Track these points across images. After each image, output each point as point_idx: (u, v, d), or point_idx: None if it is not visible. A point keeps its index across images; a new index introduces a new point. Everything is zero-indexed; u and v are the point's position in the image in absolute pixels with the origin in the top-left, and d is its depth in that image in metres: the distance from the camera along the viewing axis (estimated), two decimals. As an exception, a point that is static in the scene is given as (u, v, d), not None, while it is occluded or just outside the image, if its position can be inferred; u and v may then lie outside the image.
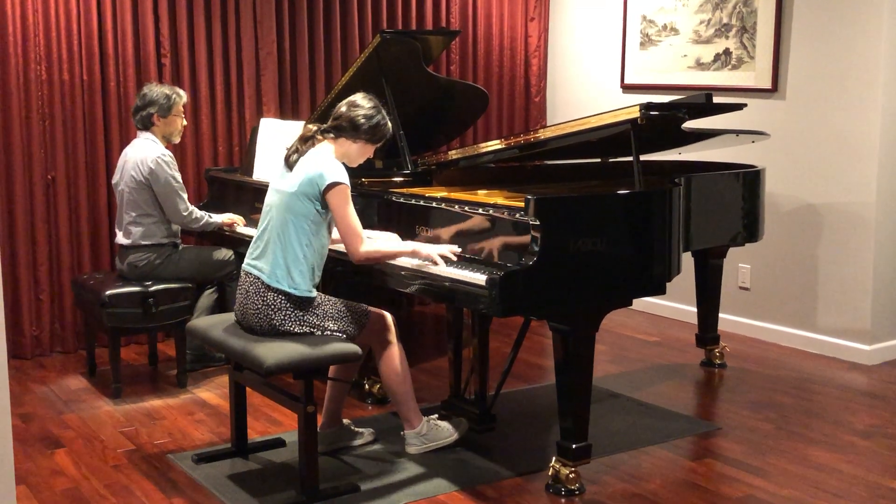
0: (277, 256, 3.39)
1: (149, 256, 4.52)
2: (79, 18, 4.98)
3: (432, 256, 3.47)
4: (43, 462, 3.70)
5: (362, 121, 3.47)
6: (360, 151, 3.55)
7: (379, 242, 3.54)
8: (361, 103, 3.51)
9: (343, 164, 3.48)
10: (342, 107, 3.52)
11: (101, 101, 5.10)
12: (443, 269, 3.42)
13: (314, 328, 3.40)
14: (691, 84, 5.62)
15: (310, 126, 3.55)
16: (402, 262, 3.56)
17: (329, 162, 3.41)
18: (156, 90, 4.56)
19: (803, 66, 5.14)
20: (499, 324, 5.22)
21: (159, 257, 4.54)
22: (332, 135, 3.50)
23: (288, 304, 3.38)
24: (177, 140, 4.69)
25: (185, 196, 4.55)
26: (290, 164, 3.47)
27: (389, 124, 3.58)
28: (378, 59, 4.33)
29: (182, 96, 4.63)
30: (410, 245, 3.54)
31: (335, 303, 3.47)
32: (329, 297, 3.48)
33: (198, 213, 4.58)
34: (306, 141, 3.49)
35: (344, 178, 3.38)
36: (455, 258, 3.48)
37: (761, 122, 5.17)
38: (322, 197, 3.36)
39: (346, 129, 3.48)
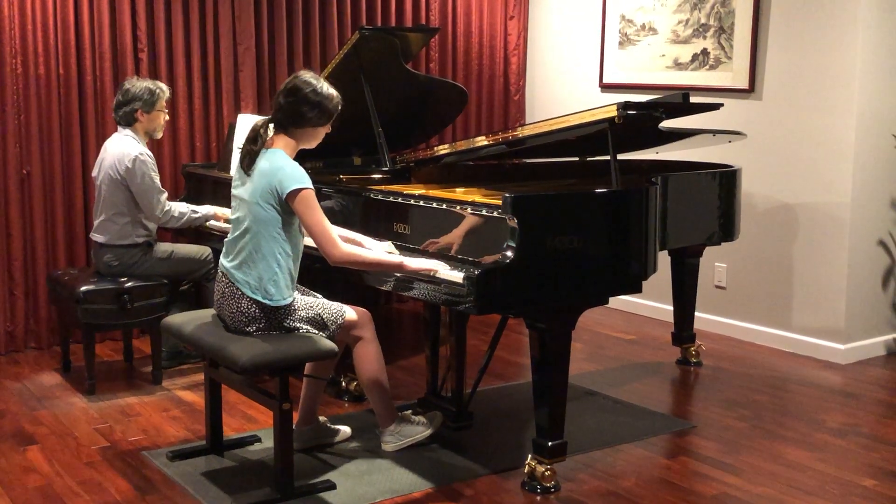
0: (251, 267, 3.32)
1: (123, 257, 4.48)
2: (55, 12, 4.94)
3: (426, 269, 3.31)
4: (15, 459, 3.67)
5: (305, 109, 3.32)
6: (313, 135, 3.41)
7: (360, 249, 3.41)
8: (302, 87, 3.31)
9: (304, 149, 3.40)
10: (280, 97, 3.34)
11: (77, 96, 5.06)
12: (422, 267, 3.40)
13: (290, 331, 3.38)
14: (669, 84, 5.65)
15: (256, 122, 3.38)
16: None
17: (285, 167, 3.27)
18: (138, 85, 4.48)
19: (780, 66, 5.17)
20: (476, 321, 5.22)
21: (134, 257, 4.50)
22: (280, 129, 3.36)
23: (262, 315, 3.33)
24: (159, 135, 4.64)
25: (163, 197, 4.47)
26: (245, 170, 3.35)
27: (335, 95, 3.36)
28: (357, 56, 4.32)
29: (165, 91, 4.56)
30: (397, 258, 3.40)
31: (312, 304, 3.43)
32: (305, 298, 3.45)
33: (177, 210, 4.50)
34: (255, 141, 3.33)
35: (305, 181, 3.26)
36: (433, 275, 3.33)
37: (738, 122, 5.20)
38: (285, 204, 3.27)
39: (294, 121, 3.33)
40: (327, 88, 3.37)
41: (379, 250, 3.53)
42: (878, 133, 4.99)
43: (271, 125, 3.40)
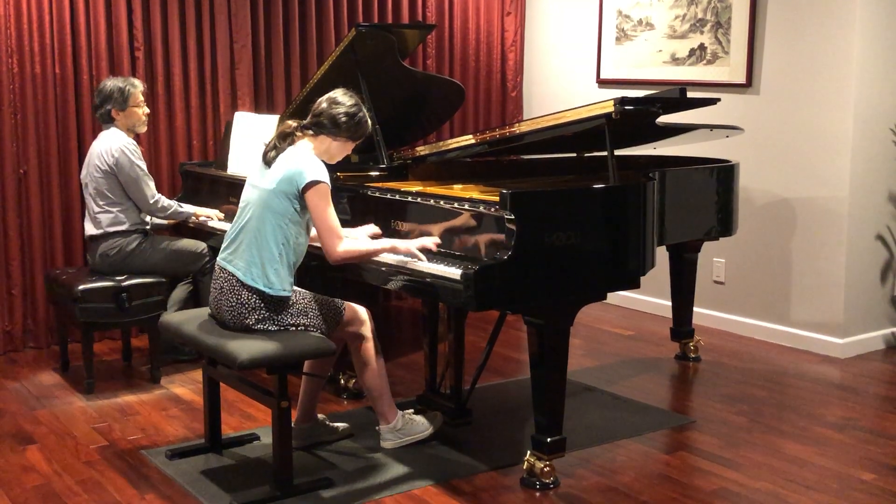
0: (253, 254, 3.35)
1: (119, 244, 4.50)
2: (51, 11, 4.93)
3: (412, 251, 3.44)
4: (14, 458, 3.67)
5: (343, 118, 3.43)
6: (340, 148, 3.51)
7: (357, 241, 3.48)
8: (342, 100, 3.46)
9: (323, 161, 3.45)
10: (322, 103, 3.47)
11: (73, 95, 5.05)
12: (420, 265, 3.41)
13: (289, 327, 3.38)
14: (666, 79, 5.64)
15: (289, 122, 3.49)
16: (381, 257, 3.54)
17: (308, 160, 3.36)
18: (109, 85, 4.55)
19: (777, 61, 5.17)
20: (474, 318, 5.22)
21: (130, 243, 4.51)
22: (311, 132, 3.45)
23: (262, 305, 3.34)
24: (142, 130, 4.67)
25: (152, 183, 4.55)
26: (267, 162, 3.42)
27: (370, 121, 3.55)
28: (354, 53, 4.31)
29: (136, 86, 4.60)
30: (389, 242, 3.50)
31: (310, 299, 3.44)
32: (304, 293, 3.46)
33: (165, 201, 4.58)
34: (285, 138, 3.44)
35: (324, 176, 3.34)
36: (435, 249, 3.47)
37: (735, 117, 5.20)
38: (301, 195, 3.32)
39: (327, 126, 3.44)
40: (366, 111, 3.53)
41: (366, 238, 3.60)
42: (875, 127, 4.99)
43: (303, 129, 3.47)
